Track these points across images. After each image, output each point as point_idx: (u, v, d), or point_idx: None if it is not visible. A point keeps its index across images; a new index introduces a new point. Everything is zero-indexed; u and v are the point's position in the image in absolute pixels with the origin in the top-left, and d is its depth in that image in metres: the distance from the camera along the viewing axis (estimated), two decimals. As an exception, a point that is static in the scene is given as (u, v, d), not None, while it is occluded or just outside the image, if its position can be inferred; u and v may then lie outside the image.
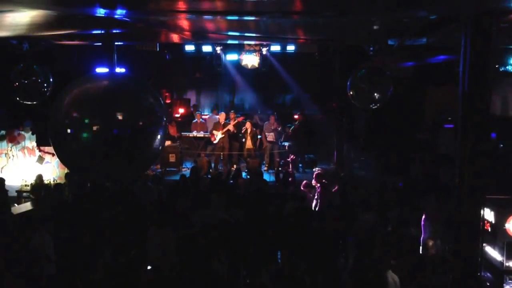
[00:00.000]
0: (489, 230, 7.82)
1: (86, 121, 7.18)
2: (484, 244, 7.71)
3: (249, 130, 15.53)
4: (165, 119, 7.76)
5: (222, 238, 7.31)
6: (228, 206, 8.82)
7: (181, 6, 7.46)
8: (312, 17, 8.40)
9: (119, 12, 7.85)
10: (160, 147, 7.85)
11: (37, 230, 7.44)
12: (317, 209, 10.43)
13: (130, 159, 7.28)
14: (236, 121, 15.49)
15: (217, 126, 15.42)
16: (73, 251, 7.39)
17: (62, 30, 10.82)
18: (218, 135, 15.21)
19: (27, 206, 10.78)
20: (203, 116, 16.89)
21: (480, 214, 7.43)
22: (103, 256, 7.28)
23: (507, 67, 13.11)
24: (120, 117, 7.13)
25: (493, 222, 7.77)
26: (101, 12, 7.70)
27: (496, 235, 7.70)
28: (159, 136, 7.52)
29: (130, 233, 7.81)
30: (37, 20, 9.01)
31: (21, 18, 8.74)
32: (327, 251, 7.49)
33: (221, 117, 15.72)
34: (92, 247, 7.44)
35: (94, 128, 7.13)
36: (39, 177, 11.64)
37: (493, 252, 7.81)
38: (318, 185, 10.79)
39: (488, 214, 7.80)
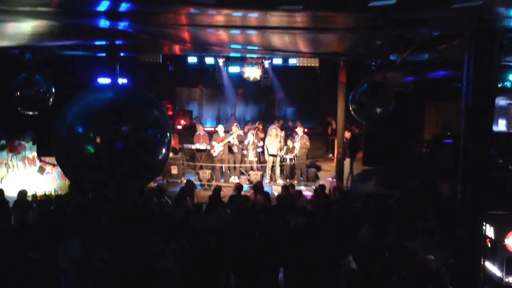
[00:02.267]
0: (489, 245, 7.83)
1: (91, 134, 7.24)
2: (484, 260, 7.71)
3: (251, 142, 15.57)
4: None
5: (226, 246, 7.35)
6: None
7: (184, 20, 7.53)
8: (315, 32, 8.48)
9: (123, 24, 7.89)
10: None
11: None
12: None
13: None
14: (237, 134, 15.53)
15: (217, 138, 15.45)
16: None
17: (65, 41, 10.88)
18: (218, 147, 15.23)
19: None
20: (205, 129, 16.90)
21: (481, 229, 7.43)
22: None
23: (505, 83, 13.19)
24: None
25: (493, 237, 7.78)
26: (105, 23, 7.74)
27: (496, 251, 7.72)
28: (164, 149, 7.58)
29: (136, 245, 7.75)
30: (40, 30, 9.04)
31: (24, 28, 8.76)
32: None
33: (220, 129, 15.74)
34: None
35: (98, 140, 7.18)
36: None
37: (492, 268, 7.82)
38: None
39: (488, 230, 7.81)
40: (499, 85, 13.33)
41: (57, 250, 7.09)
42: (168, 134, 7.92)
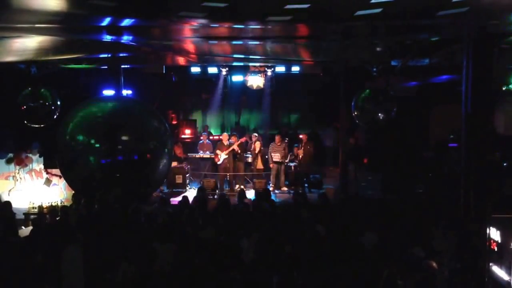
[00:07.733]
0: (495, 249, 7.78)
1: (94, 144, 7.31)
2: (490, 264, 7.67)
3: (257, 150, 15.59)
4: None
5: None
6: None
7: (187, 33, 7.60)
8: (315, 40, 8.53)
9: (126, 38, 7.98)
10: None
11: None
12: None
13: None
14: (240, 141, 15.53)
15: (221, 146, 15.47)
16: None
17: (69, 55, 11.00)
18: (222, 156, 15.24)
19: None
20: (210, 137, 16.92)
21: (486, 233, 7.42)
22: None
23: (509, 86, 13.12)
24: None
25: (499, 241, 7.73)
26: (107, 38, 7.83)
27: (503, 254, 7.66)
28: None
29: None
30: (45, 45, 9.17)
31: (29, 44, 8.89)
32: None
33: (224, 137, 15.77)
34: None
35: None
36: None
37: (499, 272, 7.76)
38: None
39: (494, 234, 7.76)
40: (504, 88, 13.25)
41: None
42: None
